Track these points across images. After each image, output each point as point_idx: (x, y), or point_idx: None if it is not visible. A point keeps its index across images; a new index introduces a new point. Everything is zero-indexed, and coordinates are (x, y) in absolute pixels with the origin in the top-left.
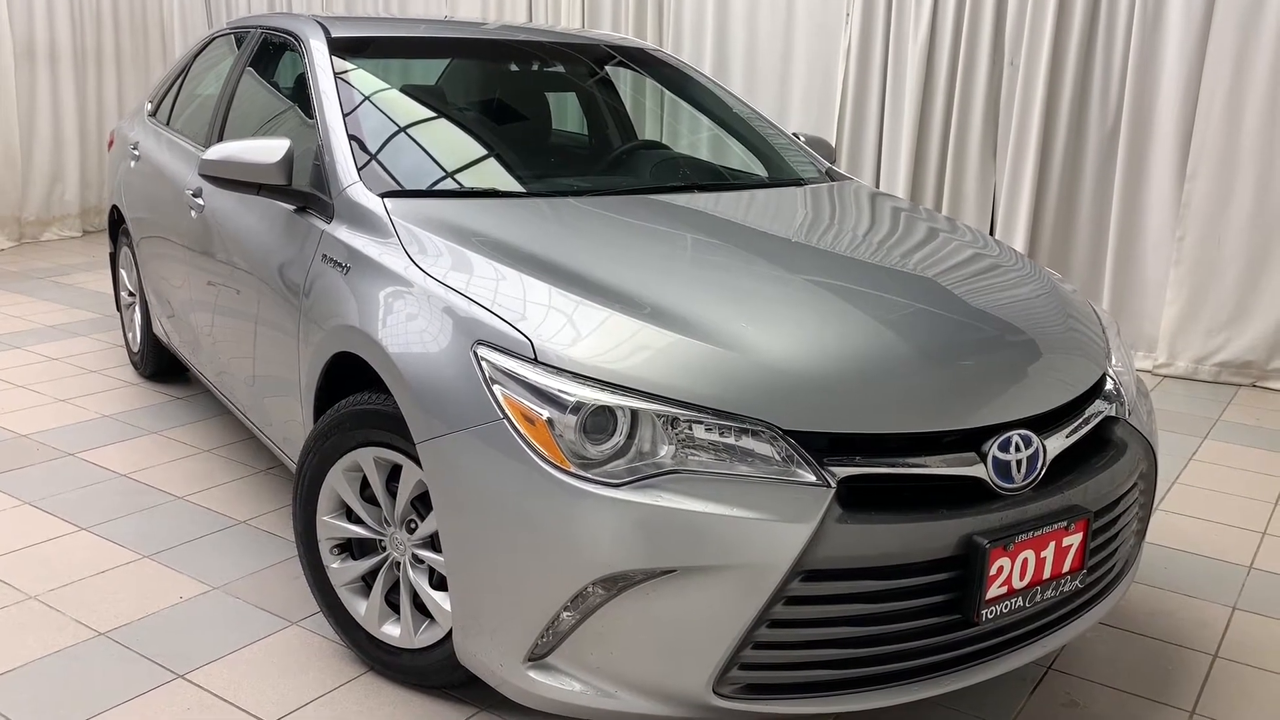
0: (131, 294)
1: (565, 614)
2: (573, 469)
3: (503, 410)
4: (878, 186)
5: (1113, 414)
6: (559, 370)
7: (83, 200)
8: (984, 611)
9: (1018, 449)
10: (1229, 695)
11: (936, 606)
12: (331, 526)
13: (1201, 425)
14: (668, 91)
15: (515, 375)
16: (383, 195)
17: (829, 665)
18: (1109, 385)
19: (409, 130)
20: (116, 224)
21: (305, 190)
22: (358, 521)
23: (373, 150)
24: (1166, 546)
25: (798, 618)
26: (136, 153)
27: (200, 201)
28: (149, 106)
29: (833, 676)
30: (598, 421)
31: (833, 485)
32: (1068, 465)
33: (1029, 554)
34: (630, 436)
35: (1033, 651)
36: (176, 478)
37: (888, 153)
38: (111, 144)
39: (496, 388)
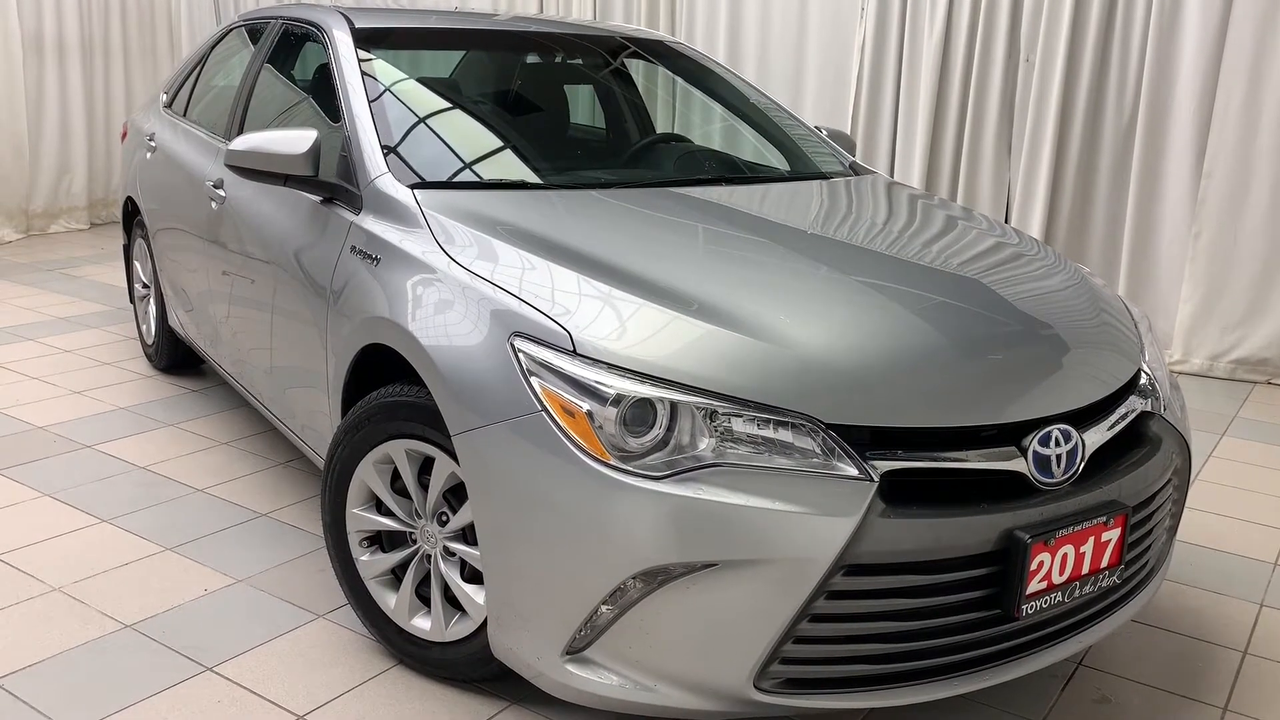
0: (146, 286)
1: (604, 608)
2: (613, 461)
3: (541, 403)
4: (892, 167)
5: (1148, 409)
6: (597, 362)
7: (90, 192)
8: (1024, 607)
9: (1058, 444)
10: (1261, 691)
11: (977, 601)
12: (361, 519)
13: (1219, 422)
14: (686, 83)
15: (553, 367)
16: (411, 187)
17: (869, 660)
18: (1144, 380)
19: (433, 122)
20: (131, 216)
21: (332, 181)
22: (388, 514)
23: (399, 142)
24: (1191, 543)
25: (839, 612)
26: (153, 144)
27: (222, 193)
28: (164, 98)
29: (873, 671)
30: (637, 414)
31: (875, 479)
32: (1105, 461)
33: (1069, 549)
34: (670, 429)
35: (1069, 647)
36: (195, 470)
37: (902, 149)
38: (125, 136)
39: (534, 380)
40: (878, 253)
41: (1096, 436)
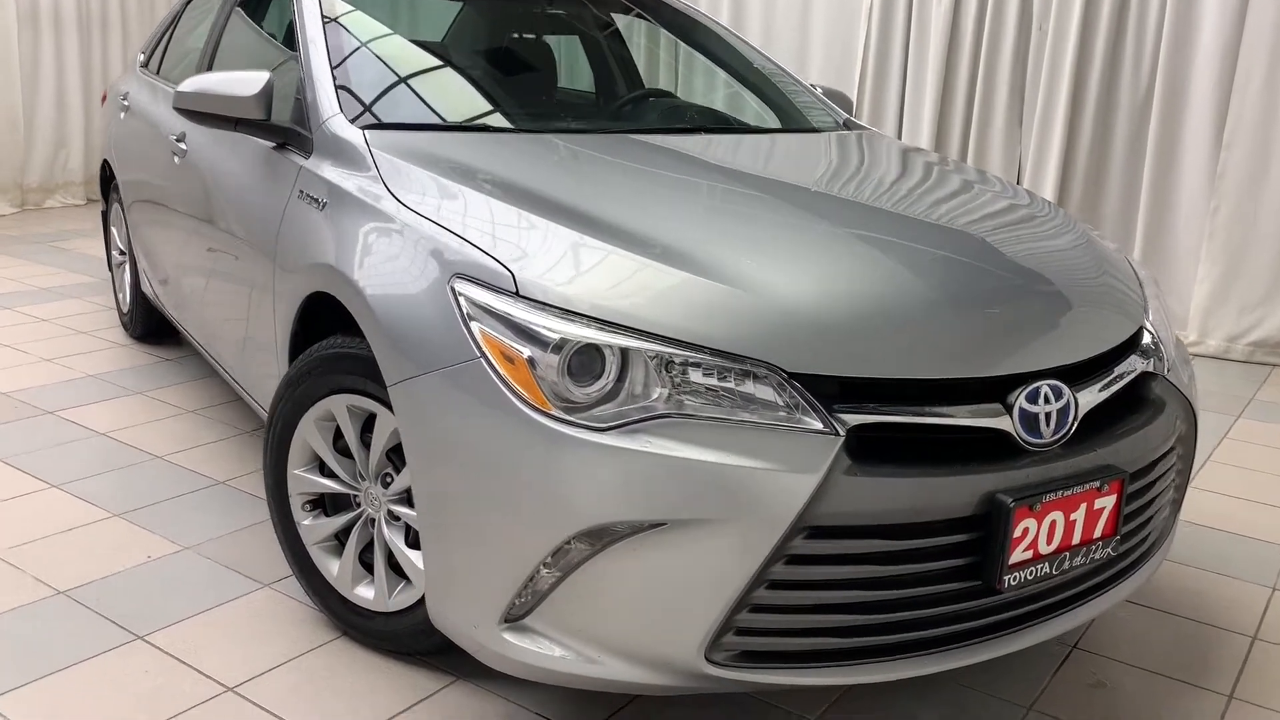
0: (123, 253)
1: (544, 571)
2: (555, 412)
3: (480, 349)
4: (900, 130)
5: (1150, 370)
6: (542, 305)
7: (86, 168)
8: (1007, 578)
9: (1047, 401)
10: (1271, 678)
11: (955, 571)
12: (303, 480)
13: (1234, 404)
14: (680, 40)
15: (495, 311)
16: (364, 128)
17: (835, 633)
18: (1146, 340)
19: (397, 64)
20: (108, 181)
21: (285, 125)
22: (331, 475)
23: (357, 82)
24: (1199, 524)
25: (800, 579)
26: (126, 103)
27: (183, 146)
28: (141, 58)
29: (839, 645)
30: (584, 361)
31: (841, 434)
32: (1101, 424)
33: (1057, 516)
34: (620, 379)
35: (1060, 624)
36: (157, 437)
37: (909, 120)
38: (104, 100)
39: (474, 324)
40: (864, 202)
41: (1091, 396)
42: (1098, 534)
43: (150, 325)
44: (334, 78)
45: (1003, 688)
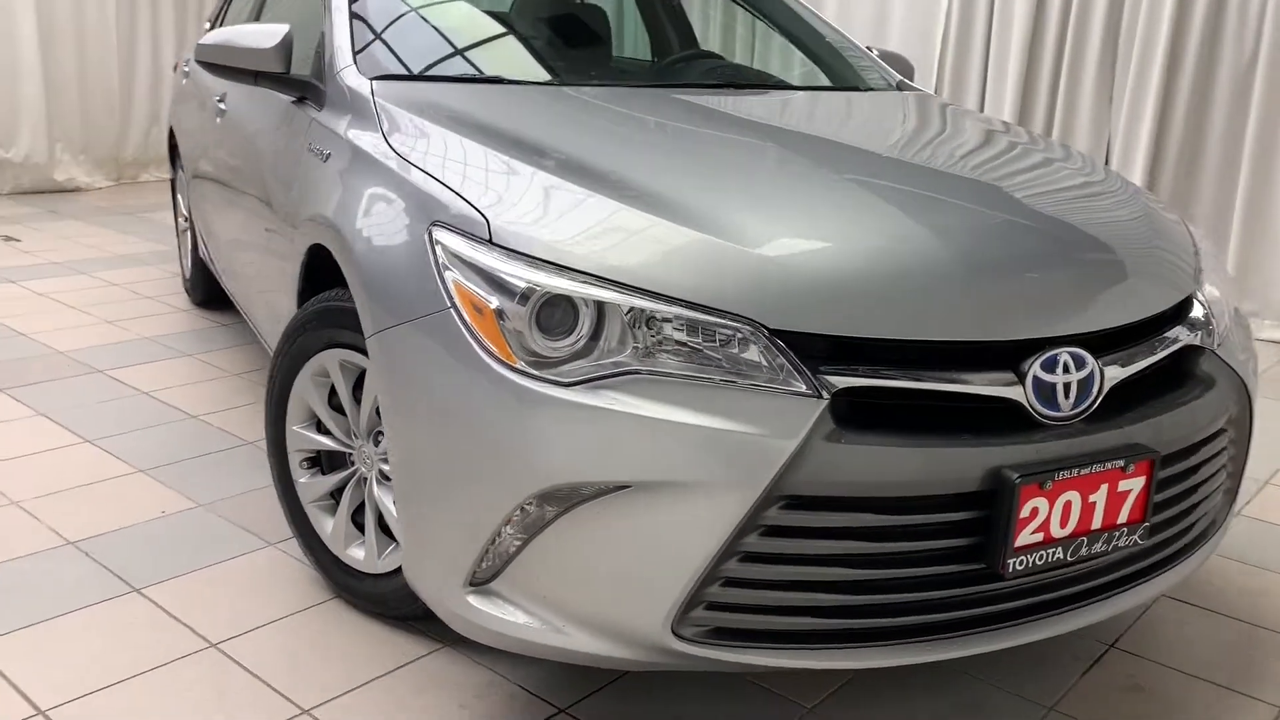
0: (185, 219)
1: (507, 531)
2: (520, 366)
3: (451, 299)
4: (982, 103)
5: (1197, 343)
6: (515, 253)
7: None
8: (1012, 561)
9: (1066, 370)
10: None
11: (955, 552)
12: (301, 437)
13: None
14: (740, 6)
15: (466, 259)
16: (373, 78)
17: (818, 613)
18: (1197, 313)
19: (418, 18)
20: (175, 149)
21: (304, 78)
22: (327, 433)
23: (375, 35)
24: (1265, 520)
25: (779, 552)
26: (187, 69)
27: (223, 106)
28: (207, 25)
29: (822, 626)
30: (556, 314)
31: (825, 396)
32: (1137, 399)
33: (1073, 496)
34: (596, 335)
35: (1079, 618)
36: (197, 398)
37: (992, 88)
38: (175, 69)
39: (449, 274)
40: (890, 157)
41: (1121, 368)
42: (1122, 519)
43: (211, 291)
44: (352, 30)
45: (1025, 684)
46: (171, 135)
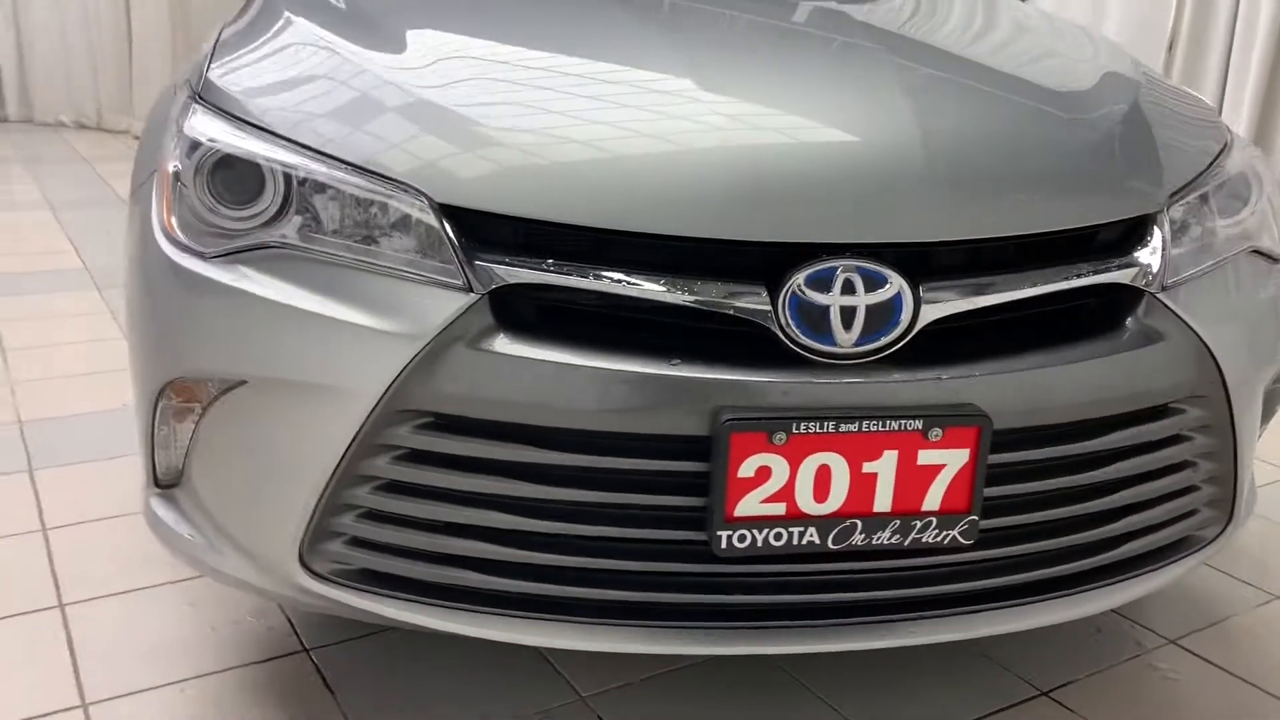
0: None
1: (162, 431)
2: (177, 235)
3: (159, 160)
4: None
5: (1128, 283)
6: (211, 108)
7: None
8: (725, 534)
9: (850, 291)
10: None
11: (670, 516)
12: None
13: None
14: None
15: (174, 119)
16: None
17: (482, 567)
18: (1149, 245)
19: None
20: None
21: None
22: None
23: None
24: None
25: (425, 484)
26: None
27: None
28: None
29: (487, 585)
30: (236, 177)
31: (478, 291)
32: (1001, 352)
33: (833, 460)
34: (285, 205)
35: (864, 636)
36: None
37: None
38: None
39: (166, 134)
40: (785, 31)
41: (960, 298)
42: (929, 506)
43: None
44: None
45: (1028, 664)
46: None
